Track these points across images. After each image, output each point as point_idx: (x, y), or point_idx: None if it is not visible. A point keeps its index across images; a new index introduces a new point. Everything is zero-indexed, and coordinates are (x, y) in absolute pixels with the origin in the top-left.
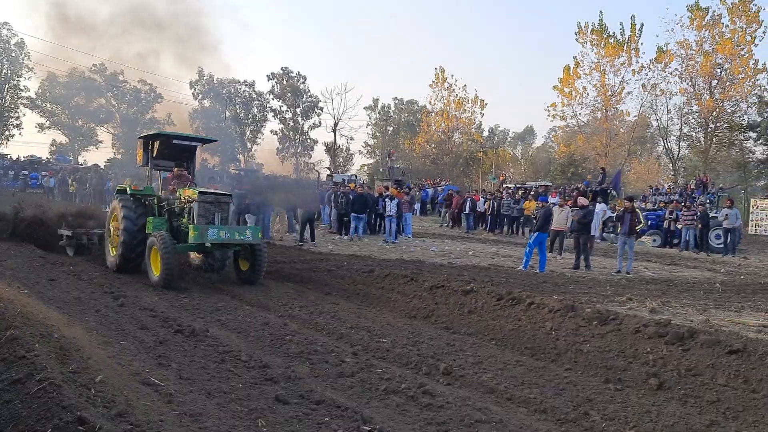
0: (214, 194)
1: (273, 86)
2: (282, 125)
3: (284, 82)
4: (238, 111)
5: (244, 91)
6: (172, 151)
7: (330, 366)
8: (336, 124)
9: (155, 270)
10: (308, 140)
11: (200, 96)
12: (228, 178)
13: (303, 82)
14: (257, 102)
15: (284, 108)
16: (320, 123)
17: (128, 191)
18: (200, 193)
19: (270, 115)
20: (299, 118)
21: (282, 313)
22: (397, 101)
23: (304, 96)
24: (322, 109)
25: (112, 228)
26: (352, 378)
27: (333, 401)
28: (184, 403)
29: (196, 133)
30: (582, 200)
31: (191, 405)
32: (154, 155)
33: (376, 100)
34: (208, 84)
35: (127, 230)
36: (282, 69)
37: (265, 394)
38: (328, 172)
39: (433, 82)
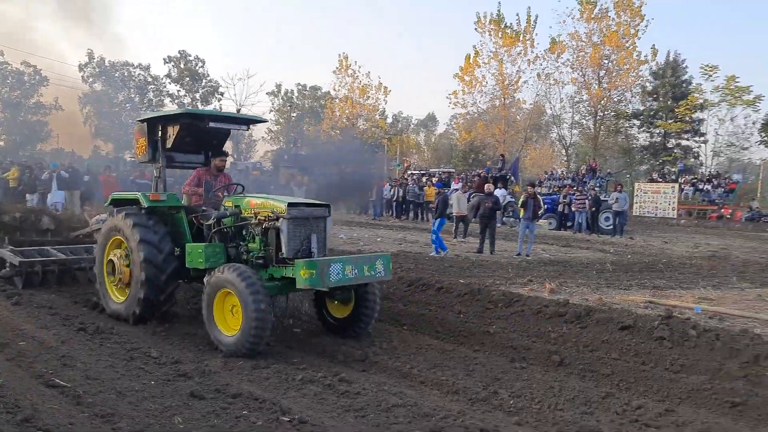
0: (308, 205)
1: (170, 70)
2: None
3: (182, 66)
4: (132, 95)
5: (139, 74)
6: (197, 139)
7: (244, 358)
8: (238, 110)
9: (225, 327)
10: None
11: (91, 79)
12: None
13: (202, 66)
14: (153, 86)
15: (182, 93)
16: (221, 108)
17: (143, 202)
18: (290, 205)
19: (167, 100)
20: (198, 104)
21: (189, 306)
22: (300, 87)
23: (204, 80)
24: (222, 94)
25: (115, 260)
26: (267, 369)
27: (250, 394)
28: (94, 404)
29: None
30: (489, 187)
31: (102, 406)
32: (170, 146)
33: (279, 86)
34: (99, 66)
35: (151, 263)
36: (179, 52)
37: (179, 391)
38: (231, 159)
39: (336, 68)
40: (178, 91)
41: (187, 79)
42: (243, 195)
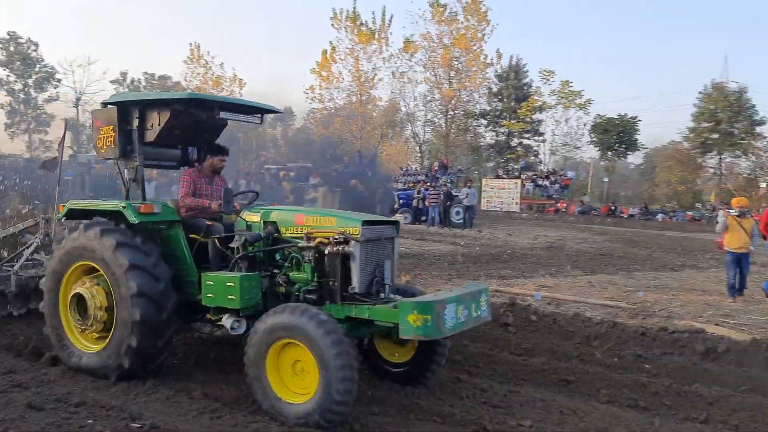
0: (379, 223)
1: None
2: (10, 97)
3: (11, 49)
4: None
5: None
6: (189, 131)
7: None
8: (79, 99)
9: (285, 392)
10: (44, 115)
11: None
12: None
13: (35, 50)
14: None
15: (12, 78)
16: (58, 96)
17: (131, 217)
18: (365, 223)
19: None
20: (31, 90)
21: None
22: (148, 76)
23: (37, 65)
24: (60, 80)
25: (86, 295)
26: None
27: (95, 402)
28: None
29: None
30: (355, 183)
31: None
32: (152, 139)
33: (124, 74)
34: None
35: (147, 297)
36: (9, 34)
37: (14, 402)
38: (71, 150)
39: (188, 58)
40: (8, 76)
41: (18, 63)
42: (271, 207)
